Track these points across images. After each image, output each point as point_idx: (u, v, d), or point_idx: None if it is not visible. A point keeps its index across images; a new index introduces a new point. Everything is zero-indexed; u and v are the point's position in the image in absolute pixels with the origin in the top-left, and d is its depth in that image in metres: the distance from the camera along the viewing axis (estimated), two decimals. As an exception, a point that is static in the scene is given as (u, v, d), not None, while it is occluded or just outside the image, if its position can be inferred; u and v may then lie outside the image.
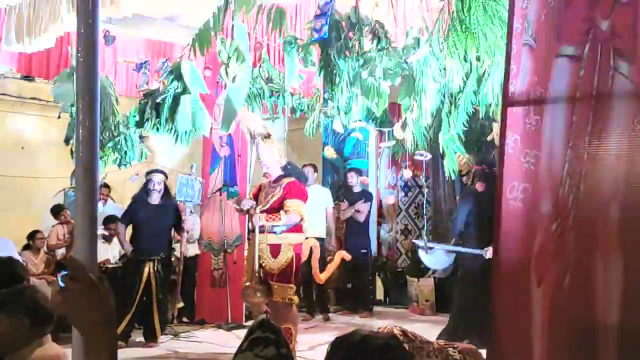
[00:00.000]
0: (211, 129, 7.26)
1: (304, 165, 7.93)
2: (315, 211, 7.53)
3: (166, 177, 6.68)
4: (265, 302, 5.33)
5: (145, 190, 6.55)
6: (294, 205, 5.22)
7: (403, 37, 5.55)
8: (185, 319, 7.38)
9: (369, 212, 8.15)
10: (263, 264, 5.25)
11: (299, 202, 5.26)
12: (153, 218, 6.37)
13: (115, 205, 8.67)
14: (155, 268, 6.25)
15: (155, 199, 6.47)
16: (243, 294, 5.42)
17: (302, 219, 5.36)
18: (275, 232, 5.24)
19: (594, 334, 2.33)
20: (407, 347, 3.76)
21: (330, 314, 7.86)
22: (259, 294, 5.19)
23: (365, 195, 8.14)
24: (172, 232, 6.65)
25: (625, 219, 2.27)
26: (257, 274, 5.21)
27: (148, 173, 6.72)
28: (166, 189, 6.59)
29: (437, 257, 6.61)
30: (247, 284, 5.30)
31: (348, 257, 5.97)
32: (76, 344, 1.39)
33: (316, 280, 6.00)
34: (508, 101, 2.53)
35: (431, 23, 5.15)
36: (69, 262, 1.38)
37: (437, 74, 5.40)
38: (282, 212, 5.19)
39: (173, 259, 6.93)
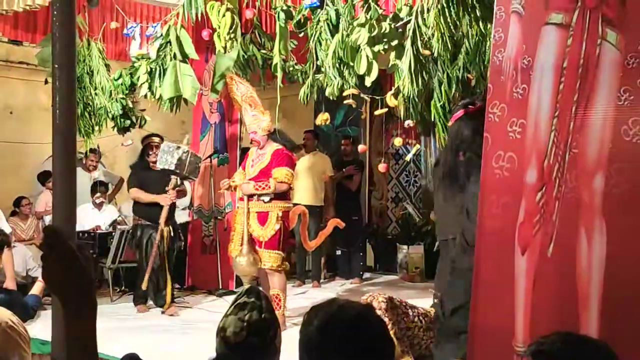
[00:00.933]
0: (201, 94, 7.21)
1: (305, 132, 7.92)
2: (311, 178, 7.53)
3: (162, 140, 6.56)
4: (254, 273, 5.35)
5: (143, 156, 6.42)
6: (282, 173, 5.22)
7: (395, 5, 5.48)
8: (176, 285, 7.42)
9: (361, 179, 8.17)
10: (251, 232, 5.27)
11: (287, 170, 5.26)
12: (157, 183, 6.22)
13: (105, 171, 8.64)
14: (169, 233, 6.16)
15: (154, 163, 6.33)
16: (233, 264, 5.44)
17: (290, 187, 5.36)
18: (263, 200, 5.25)
19: (576, 303, 2.35)
20: (386, 316, 3.80)
21: (321, 281, 7.92)
22: (249, 264, 5.21)
23: (357, 163, 8.15)
24: None
25: (610, 189, 2.28)
26: (246, 243, 5.23)
27: (144, 138, 6.62)
28: None
29: None
30: (236, 253, 5.32)
31: (342, 224, 5.98)
32: (56, 312, 1.39)
33: (305, 247, 6.02)
34: (495, 69, 2.52)
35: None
36: (47, 231, 1.37)
37: (429, 42, 5.34)
38: (271, 180, 5.19)
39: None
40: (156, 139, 6.46)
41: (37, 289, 4.71)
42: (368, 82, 5.74)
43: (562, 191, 2.34)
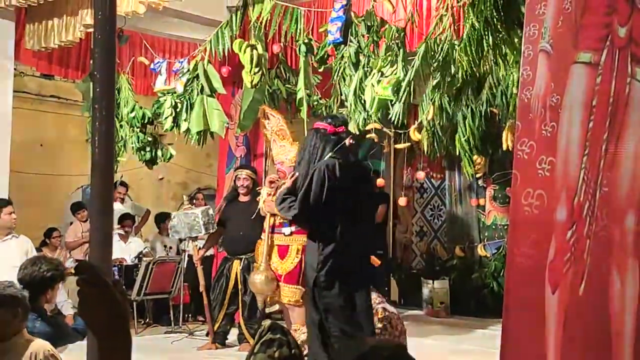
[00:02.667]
0: (227, 128, 7.30)
1: None
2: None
3: (254, 172, 6.48)
4: (270, 292, 5.26)
5: (234, 188, 6.37)
6: None
7: (418, 41, 5.53)
8: (200, 318, 7.42)
9: (386, 213, 8.15)
10: (272, 265, 5.22)
11: None
12: (240, 216, 6.12)
13: (131, 204, 8.74)
14: (242, 267, 6.02)
15: (243, 196, 6.26)
16: (249, 282, 5.40)
17: None
18: (283, 233, 5.17)
19: (609, 343, 2.31)
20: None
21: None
22: (264, 282, 5.13)
23: (382, 197, 8.14)
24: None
25: (642, 227, 2.25)
26: (264, 261, 5.15)
27: (236, 169, 6.62)
28: (255, 185, 6.31)
29: None
30: (253, 270, 5.33)
31: (377, 262, 5.92)
32: (91, 347, 1.41)
33: None
34: (523, 107, 2.52)
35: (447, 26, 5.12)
36: (83, 266, 1.39)
37: (453, 76, 5.37)
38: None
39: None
40: (245, 172, 6.36)
41: None
42: (374, 116, 5.74)
43: (593, 229, 2.31)
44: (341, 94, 6.14)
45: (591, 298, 2.33)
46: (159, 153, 6.85)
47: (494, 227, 7.97)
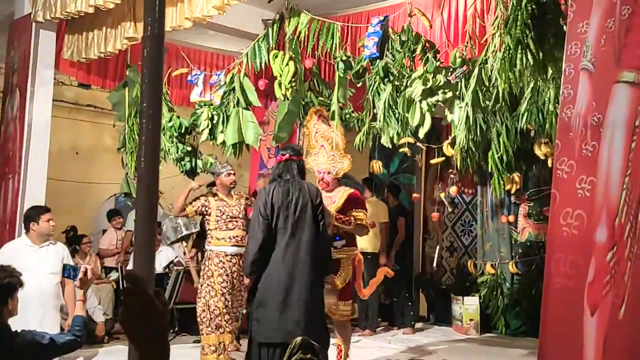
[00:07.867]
0: (260, 139, 7.34)
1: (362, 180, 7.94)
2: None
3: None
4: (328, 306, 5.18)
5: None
6: (363, 216, 5.02)
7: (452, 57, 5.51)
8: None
9: (406, 227, 8.11)
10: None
11: (365, 213, 5.07)
12: None
13: (162, 212, 8.81)
14: None
15: None
16: None
17: (368, 231, 5.25)
18: (335, 247, 4.91)
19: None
20: None
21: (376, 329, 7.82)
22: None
23: (401, 210, 8.11)
24: None
25: (685, 251, 2.20)
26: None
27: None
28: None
29: None
30: None
31: (390, 273, 5.91)
32: (131, 355, 1.42)
33: (360, 295, 5.89)
34: (563, 126, 2.50)
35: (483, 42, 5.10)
36: (128, 277, 1.42)
37: (487, 93, 5.33)
38: (352, 219, 4.96)
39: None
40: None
41: (79, 308, 3.63)
42: (421, 133, 5.74)
43: (635, 251, 2.27)
44: (374, 107, 6.13)
45: (631, 322, 2.28)
46: (199, 163, 6.87)
47: (528, 243, 7.86)
